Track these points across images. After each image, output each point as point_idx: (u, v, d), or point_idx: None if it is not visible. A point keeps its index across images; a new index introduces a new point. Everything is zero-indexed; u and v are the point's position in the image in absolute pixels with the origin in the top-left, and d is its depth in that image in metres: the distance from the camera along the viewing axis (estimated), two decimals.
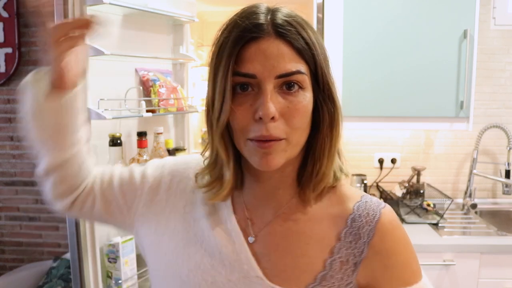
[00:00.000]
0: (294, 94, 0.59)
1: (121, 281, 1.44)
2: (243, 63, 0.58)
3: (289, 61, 0.57)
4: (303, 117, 0.60)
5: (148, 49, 1.65)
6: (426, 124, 2.02)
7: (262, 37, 0.57)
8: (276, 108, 0.57)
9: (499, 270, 1.79)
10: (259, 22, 0.58)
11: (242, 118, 0.59)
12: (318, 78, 0.61)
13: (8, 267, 2.88)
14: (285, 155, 0.60)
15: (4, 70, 2.67)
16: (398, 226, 0.65)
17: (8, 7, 2.62)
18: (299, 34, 0.58)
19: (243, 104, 0.59)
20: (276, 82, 0.58)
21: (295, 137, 0.60)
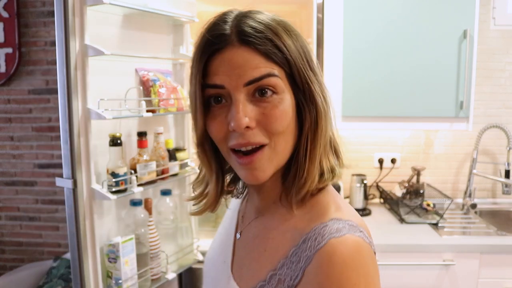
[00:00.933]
0: (268, 100, 0.58)
1: (121, 281, 1.44)
2: (210, 75, 0.58)
3: (256, 67, 0.57)
4: (282, 121, 0.58)
5: (148, 49, 1.65)
6: (426, 124, 2.02)
7: (226, 47, 0.57)
8: (251, 116, 0.57)
9: (499, 270, 1.79)
10: (221, 33, 0.58)
11: (218, 130, 0.59)
12: (295, 79, 0.59)
13: (8, 267, 2.88)
14: (271, 164, 0.60)
15: (5, 70, 2.68)
16: (340, 263, 0.53)
17: (8, 7, 2.63)
18: (266, 39, 0.57)
19: (218, 117, 0.59)
20: (246, 90, 0.57)
21: (279, 143, 0.59)
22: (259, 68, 0.57)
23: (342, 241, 0.55)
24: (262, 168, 0.59)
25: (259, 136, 0.58)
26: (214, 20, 0.60)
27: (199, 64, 0.58)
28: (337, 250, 0.54)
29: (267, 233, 0.65)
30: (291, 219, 0.63)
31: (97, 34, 1.39)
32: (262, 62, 0.57)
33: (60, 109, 1.35)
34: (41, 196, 2.82)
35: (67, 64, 1.33)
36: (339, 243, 0.55)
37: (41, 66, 2.70)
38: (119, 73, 1.55)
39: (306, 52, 0.61)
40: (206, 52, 0.58)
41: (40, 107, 2.74)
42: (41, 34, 2.68)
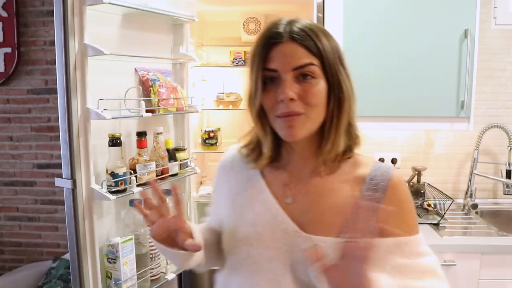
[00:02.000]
0: (308, 81, 0.79)
1: (120, 281, 1.44)
2: (268, 62, 0.79)
3: (301, 57, 0.78)
4: (316, 97, 0.79)
5: (148, 49, 1.65)
6: (427, 124, 2.02)
7: (281, 42, 0.79)
8: (294, 91, 0.77)
9: (500, 270, 1.78)
10: (278, 31, 0.79)
11: (270, 101, 0.80)
12: (326, 69, 0.80)
13: (8, 268, 2.87)
14: (305, 127, 0.80)
15: (4, 69, 2.67)
16: (405, 184, 0.85)
17: (7, 6, 2.62)
18: (309, 38, 0.78)
19: (271, 91, 0.80)
20: (293, 74, 0.78)
21: (313, 113, 0.79)
22: (303, 59, 0.78)
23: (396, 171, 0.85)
24: (298, 128, 0.79)
25: (299, 107, 0.78)
26: (271, 23, 0.82)
27: (261, 53, 0.80)
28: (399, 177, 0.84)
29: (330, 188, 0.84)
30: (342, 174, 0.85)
31: (97, 33, 1.39)
32: (305, 54, 0.78)
33: (59, 109, 1.35)
34: (40, 196, 2.81)
35: (67, 64, 1.32)
36: (397, 172, 0.85)
37: (40, 66, 2.70)
38: (119, 73, 1.54)
39: (338, 51, 0.83)
40: (267, 44, 0.79)
41: (39, 107, 2.73)
42: (40, 34, 2.67)
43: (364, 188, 0.83)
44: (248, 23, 2.29)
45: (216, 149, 2.23)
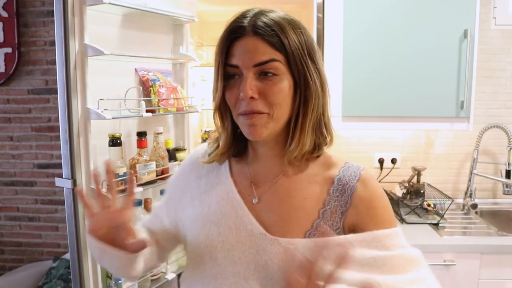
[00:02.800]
0: (270, 79, 0.75)
1: (120, 281, 1.44)
2: (230, 57, 0.76)
3: (263, 53, 0.74)
4: (279, 95, 0.75)
5: (148, 49, 1.65)
6: (426, 124, 2.02)
7: (243, 36, 0.75)
8: (255, 90, 0.74)
9: (500, 270, 1.78)
10: (241, 25, 0.76)
11: (232, 98, 0.78)
12: (291, 65, 0.76)
13: (8, 267, 2.88)
14: (268, 126, 0.77)
15: (4, 70, 2.67)
16: (375, 180, 0.83)
17: (7, 7, 2.62)
18: (273, 32, 0.74)
19: (232, 88, 0.77)
20: (254, 70, 0.75)
21: (276, 112, 0.76)
22: (265, 54, 0.74)
23: (367, 170, 0.83)
24: (260, 127, 0.76)
25: (261, 106, 0.75)
26: (237, 15, 0.78)
27: (222, 47, 0.77)
28: (368, 174, 0.82)
29: (297, 188, 0.81)
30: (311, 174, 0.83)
31: (97, 34, 1.39)
32: (268, 50, 0.74)
33: (59, 109, 1.35)
34: (41, 196, 2.81)
35: (67, 64, 1.33)
36: (367, 171, 0.82)
37: (40, 66, 2.70)
38: (119, 73, 1.54)
39: (308, 45, 0.78)
40: (228, 38, 0.76)
41: (39, 107, 2.73)
42: (41, 34, 2.68)
43: (332, 189, 0.80)
44: None
45: None
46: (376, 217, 0.79)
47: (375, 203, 0.80)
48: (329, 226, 0.78)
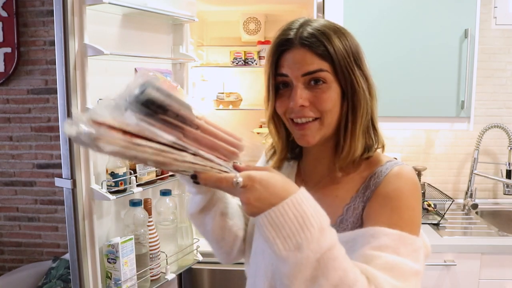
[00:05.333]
0: (319, 87, 0.78)
1: (120, 281, 1.43)
2: (280, 67, 0.80)
3: (310, 63, 0.77)
4: (328, 103, 0.78)
5: (148, 49, 1.65)
6: (427, 124, 2.02)
7: (291, 48, 0.79)
8: (305, 98, 0.78)
9: (500, 270, 1.78)
10: (288, 38, 0.79)
11: (282, 106, 0.82)
12: (338, 73, 0.78)
13: (8, 268, 2.87)
14: (319, 133, 0.80)
15: (3, 69, 2.67)
16: (406, 178, 0.77)
17: (7, 6, 2.62)
18: (319, 42, 0.77)
19: (283, 96, 0.82)
20: (304, 80, 0.78)
21: (326, 119, 0.79)
22: (313, 64, 0.77)
23: (404, 166, 0.80)
24: (312, 134, 0.80)
25: (311, 112, 0.79)
26: (284, 27, 0.82)
27: (272, 59, 0.81)
28: (403, 171, 0.78)
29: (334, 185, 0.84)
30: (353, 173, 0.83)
31: (97, 33, 1.39)
32: (315, 60, 0.77)
33: (59, 109, 1.35)
34: (40, 197, 2.81)
35: (66, 64, 1.32)
36: (403, 167, 0.79)
37: (40, 66, 2.70)
38: (119, 73, 1.54)
39: (353, 51, 0.81)
40: (277, 51, 0.80)
41: (39, 107, 2.73)
42: (40, 34, 2.67)
43: (363, 186, 0.81)
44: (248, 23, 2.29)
45: None
46: (381, 216, 0.74)
47: (388, 201, 0.75)
48: (351, 223, 0.79)
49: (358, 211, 0.79)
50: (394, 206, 0.74)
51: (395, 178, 0.77)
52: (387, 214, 0.73)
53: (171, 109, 0.59)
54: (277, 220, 0.61)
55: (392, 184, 0.77)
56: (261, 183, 0.62)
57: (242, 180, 0.61)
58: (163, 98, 0.59)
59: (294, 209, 0.61)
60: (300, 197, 0.62)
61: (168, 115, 0.59)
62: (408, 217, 0.74)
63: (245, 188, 0.61)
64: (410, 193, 0.76)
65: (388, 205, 0.74)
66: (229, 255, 0.94)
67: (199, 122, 0.62)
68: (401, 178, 0.77)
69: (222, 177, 0.62)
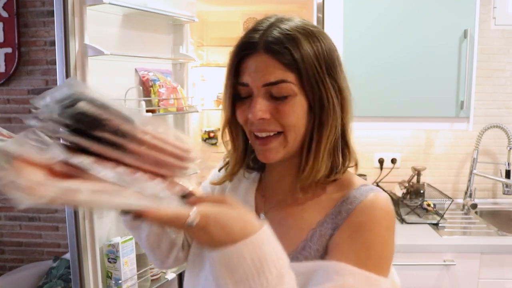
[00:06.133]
0: (282, 99, 0.70)
1: (121, 281, 1.44)
2: (241, 74, 0.72)
3: (273, 72, 0.68)
4: (291, 117, 0.70)
5: (148, 49, 1.65)
6: (426, 124, 2.02)
7: (254, 53, 0.70)
8: (266, 110, 0.70)
9: (500, 270, 1.78)
10: (252, 41, 0.70)
11: (242, 116, 0.73)
12: (304, 85, 0.70)
13: (8, 267, 2.88)
14: (283, 150, 0.72)
15: (4, 70, 2.67)
16: (381, 209, 0.70)
17: (7, 7, 2.62)
18: (285, 48, 0.68)
19: (243, 106, 0.73)
20: (264, 90, 0.70)
21: (290, 134, 0.71)
22: (275, 74, 0.68)
23: (379, 194, 0.71)
24: (274, 151, 0.72)
25: (273, 125, 0.71)
26: (251, 27, 0.73)
27: (231, 65, 0.73)
28: (378, 199, 0.70)
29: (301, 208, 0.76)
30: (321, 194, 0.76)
31: (97, 34, 1.39)
32: (278, 69, 0.68)
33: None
34: None
35: (67, 64, 1.33)
36: (378, 195, 0.71)
37: (40, 66, 2.70)
38: (119, 73, 1.54)
39: (326, 58, 0.71)
40: (239, 55, 0.72)
41: None
42: (41, 34, 2.68)
43: (333, 210, 0.72)
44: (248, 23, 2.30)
45: (217, 149, 2.23)
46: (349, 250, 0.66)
47: (359, 235, 0.67)
48: (314, 251, 0.71)
49: (324, 239, 0.71)
50: (365, 240, 0.67)
51: (370, 207, 0.69)
52: (356, 249, 0.66)
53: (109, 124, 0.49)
54: (231, 262, 0.53)
55: (366, 214, 0.69)
56: (217, 221, 0.53)
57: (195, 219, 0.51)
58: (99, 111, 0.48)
59: (253, 252, 0.53)
60: (261, 238, 0.55)
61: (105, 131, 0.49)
62: (379, 254, 0.67)
63: (198, 228, 0.52)
64: (385, 226, 0.69)
65: (359, 239, 0.67)
66: (164, 263, 0.87)
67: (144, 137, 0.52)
68: (376, 208, 0.69)
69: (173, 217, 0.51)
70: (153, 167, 0.54)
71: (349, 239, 0.68)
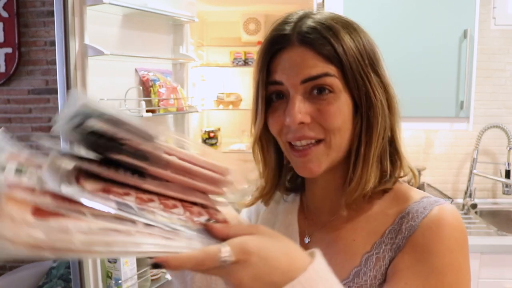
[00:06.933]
0: (324, 98, 0.59)
1: (121, 281, 1.44)
2: (272, 73, 0.61)
3: (313, 66, 0.58)
4: (336, 118, 0.59)
5: (148, 49, 1.65)
6: (426, 124, 2.02)
7: (286, 47, 0.60)
8: (306, 112, 0.59)
9: (499, 270, 1.78)
10: (283, 33, 0.61)
11: (275, 123, 0.62)
12: (349, 81, 0.60)
13: (8, 267, 2.87)
14: (327, 159, 0.61)
15: (4, 70, 2.67)
16: (450, 225, 0.58)
17: (8, 7, 2.62)
18: (325, 39, 0.59)
19: (277, 111, 0.62)
20: (304, 88, 0.59)
21: (334, 139, 0.60)
22: (316, 67, 0.58)
23: (446, 207, 0.60)
24: (317, 162, 0.61)
25: (314, 131, 0.60)
26: (279, 21, 0.63)
27: (263, 62, 0.62)
28: (444, 215, 0.58)
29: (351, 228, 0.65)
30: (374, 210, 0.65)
31: (97, 34, 1.39)
32: (319, 62, 0.59)
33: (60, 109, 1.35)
34: None
35: (67, 64, 1.33)
36: (444, 209, 0.59)
37: (41, 66, 2.70)
38: (119, 73, 1.55)
39: (369, 52, 0.63)
40: (270, 51, 0.61)
41: (40, 107, 2.74)
42: (41, 34, 2.68)
43: (389, 229, 0.61)
44: (248, 23, 2.30)
45: (216, 149, 2.24)
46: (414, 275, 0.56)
47: (426, 258, 0.56)
48: (371, 278, 0.60)
49: (383, 264, 0.60)
50: (434, 265, 0.56)
51: (437, 224, 0.58)
52: (425, 276, 0.55)
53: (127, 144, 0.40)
54: None
55: (434, 233, 0.57)
56: (260, 254, 0.43)
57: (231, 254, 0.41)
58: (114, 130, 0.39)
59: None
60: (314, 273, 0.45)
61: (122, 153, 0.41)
62: (453, 281, 0.56)
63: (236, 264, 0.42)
64: (458, 247, 0.57)
65: (427, 262, 0.56)
66: None
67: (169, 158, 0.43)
68: (445, 225, 0.58)
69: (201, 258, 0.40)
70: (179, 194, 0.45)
71: (415, 262, 0.57)
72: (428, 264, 0.56)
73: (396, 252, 0.59)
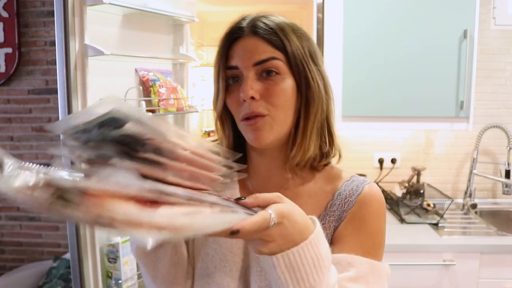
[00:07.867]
0: (272, 78, 0.72)
1: (121, 281, 1.44)
2: (229, 59, 0.74)
3: (263, 51, 0.71)
4: (281, 96, 0.72)
5: (148, 49, 1.65)
6: (426, 124, 2.02)
7: (242, 36, 0.73)
8: (256, 90, 0.70)
9: (499, 270, 1.79)
10: (240, 26, 0.74)
11: (233, 102, 0.74)
12: (292, 65, 0.72)
13: (8, 267, 2.88)
14: (272, 130, 0.72)
15: (4, 70, 2.68)
16: (378, 200, 0.76)
17: (8, 7, 2.63)
18: (273, 31, 0.72)
19: (233, 92, 0.74)
20: (255, 70, 0.72)
21: (279, 115, 0.72)
22: (265, 53, 0.71)
23: (372, 185, 0.77)
24: (265, 131, 0.71)
25: (261, 107, 0.71)
26: (237, 18, 0.76)
27: (222, 49, 0.75)
28: (372, 191, 0.76)
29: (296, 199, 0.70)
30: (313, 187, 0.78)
31: (97, 34, 1.39)
32: (268, 48, 0.71)
33: (60, 109, 1.35)
34: None
35: (67, 64, 1.33)
36: (372, 186, 0.77)
37: (41, 66, 2.70)
38: (119, 73, 1.55)
39: (309, 47, 0.75)
40: (227, 40, 0.74)
41: (40, 107, 2.74)
42: (41, 34, 2.68)
43: (330, 204, 0.75)
44: None
45: None
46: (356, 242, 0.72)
47: (363, 226, 0.73)
48: None
49: (329, 232, 0.74)
50: (368, 231, 0.73)
51: (370, 199, 0.75)
52: (362, 240, 0.72)
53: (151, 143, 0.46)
54: (294, 262, 0.55)
55: (368, 206, 0.74)
56: (289, 218, 0.55)
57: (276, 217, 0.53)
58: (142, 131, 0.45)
59: (312, 250, 0.56)
60: (317, 236, 0.58)
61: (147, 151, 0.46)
62: (379, 242, 0.74)
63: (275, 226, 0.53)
64: (383, 216, 0.75)
65: (364, 230, 0.72)
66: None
67: (184, 153, 0.50)
68: (375, 200, 0.75)
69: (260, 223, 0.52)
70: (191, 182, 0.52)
71: (355, 231, 0.72)
72: (364, 230, 0.73)
73: (339, 222, 0.74)
